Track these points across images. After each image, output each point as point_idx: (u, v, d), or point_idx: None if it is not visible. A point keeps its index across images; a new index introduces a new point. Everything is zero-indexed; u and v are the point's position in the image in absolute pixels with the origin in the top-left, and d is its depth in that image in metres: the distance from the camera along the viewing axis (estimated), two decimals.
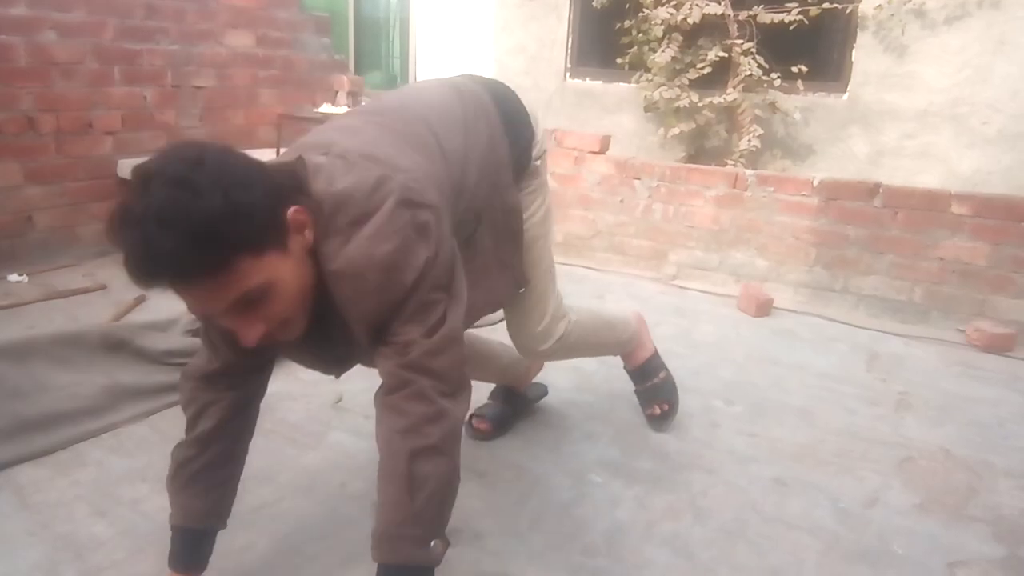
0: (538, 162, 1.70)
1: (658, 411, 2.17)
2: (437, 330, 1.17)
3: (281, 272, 1.07)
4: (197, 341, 2.34)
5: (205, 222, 0.95)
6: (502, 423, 2.13)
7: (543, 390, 2.29)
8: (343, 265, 1.11)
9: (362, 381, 2.41)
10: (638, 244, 3.82)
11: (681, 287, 3.64)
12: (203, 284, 1.00)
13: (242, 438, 1.41)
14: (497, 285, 1.61)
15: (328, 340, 1.25)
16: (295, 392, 2.29)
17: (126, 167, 3.50)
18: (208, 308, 1.07)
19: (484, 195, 1.48)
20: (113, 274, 3.24)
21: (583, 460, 2.01)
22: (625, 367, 2.18)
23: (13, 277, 3.07)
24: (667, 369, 2.20)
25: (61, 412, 1.98)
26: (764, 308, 3.28)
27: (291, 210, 1.07)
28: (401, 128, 1.34)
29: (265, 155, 3.84)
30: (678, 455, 2.06)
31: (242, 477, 1.43)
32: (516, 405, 2.18)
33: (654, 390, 2.18)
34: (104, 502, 1.71)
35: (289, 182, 1.12)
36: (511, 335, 1.81)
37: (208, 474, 1.35)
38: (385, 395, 1.20)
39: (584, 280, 3.67)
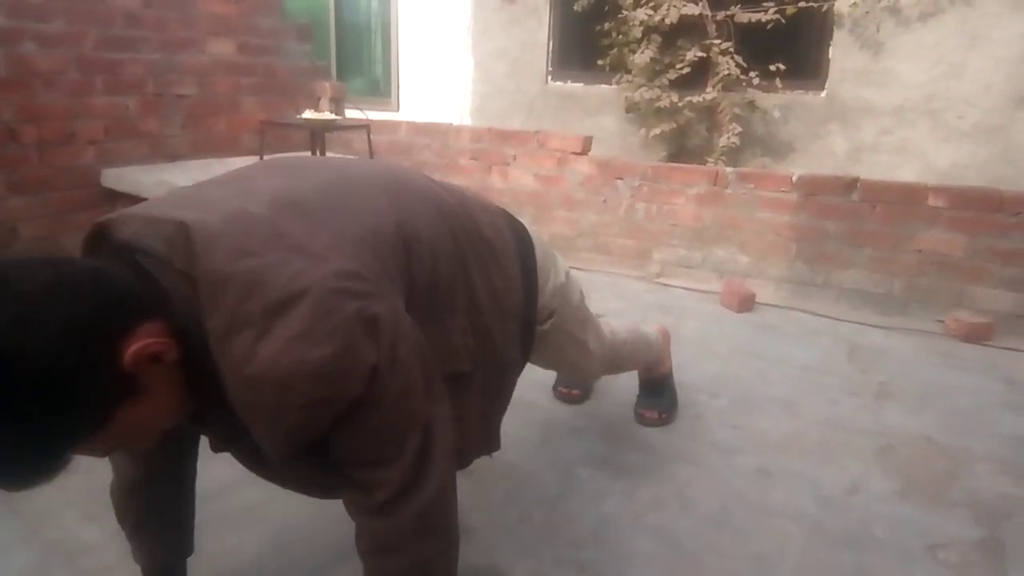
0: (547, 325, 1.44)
1: (656, 416, 2.22)
2: (422, 473, 0.96)
3: (137, 417, 0.85)
4: None
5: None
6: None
7: None
8: (258, 371, 0.83)
9: None
10: (622, 243, 3.86)
11: (665, 284, 3.67)
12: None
13: (183, 483, 1.33)
14: (470, 442, 1.28)
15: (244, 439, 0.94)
16: None
17: (110, 177, 3.50)
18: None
19: (481, 336, 1.21)
20: None
21: (570, 455, 2.04)
22: (640, 374, 2.24)
23: None
24: (675, 389, 2.29)
25: None
26: (747, 303, 3.32)
27: (130, 351, 0.80)
28: (351, 202, 1.04)
29: (248, 163, 3.81)
30: (663, 448, 2.09)
31: (228, 479, 1.44)
32: None
33: (657, 399, 2.24)
34: (93, 507, 1.71)
35: (118, 297, 0.82)
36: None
37: (156, 517, 1.29)
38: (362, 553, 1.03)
39: None
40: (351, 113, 4.43)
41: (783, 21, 4.46)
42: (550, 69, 5.64)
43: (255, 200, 0.96)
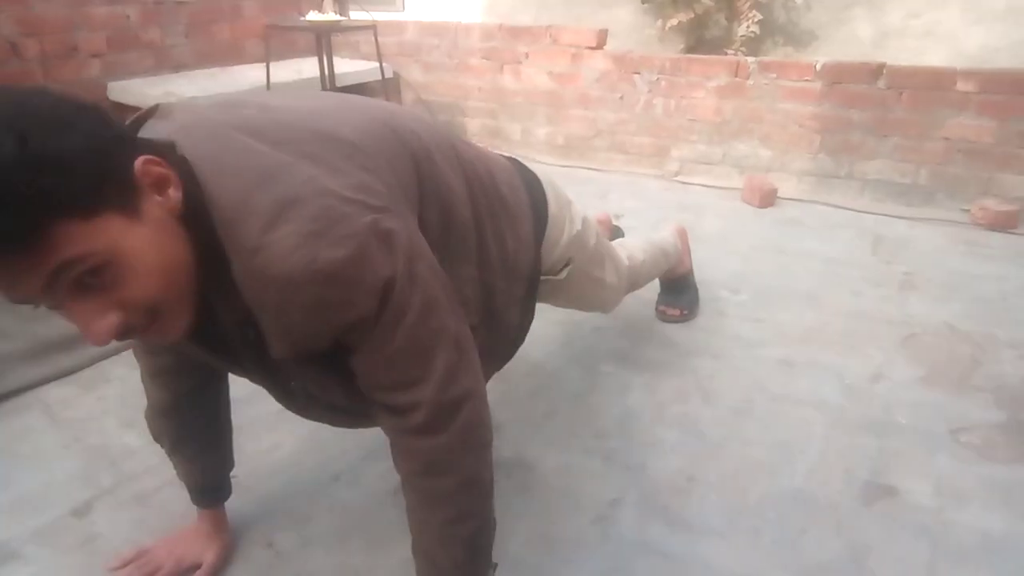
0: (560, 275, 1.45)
1: (678, 313, 2.22)
2: (458, 387, 0.94)
3: (129, 241, 0.78)
4: None
5: None
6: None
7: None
8: (266, 263, 0.80)
9: None
10: (640, 141, 3.78)
11: (684, 183, 3.61)
12: (5, 258, 0.71)
13: (214, 409, 1.33)
14: None
15: (263, 359, 0.94)
16: None
17: (116, 90, 3.44)
18: (22, 291, 0.75)
19: (487, 294, 1.18)
20: None
21: (593, 352, 2.06)
22: (659, 277, 2.23)
23: None
24: (696, 287, 2.30)
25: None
26: (768, 199, 3.26)
27: (139, 161, 0.79)
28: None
29: (255, 71, 3.69)
30: (685, 343, 2.10)
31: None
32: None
33: (678, 296, 2.25)
34: (132, 415, 1.77)
35: (134, 133, 0.86)
36: None
37: (190, 441, 1.30)
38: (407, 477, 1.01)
39: (587, 182, 3.64)
40: (356, 15, 4.28)
41: None
42: None
43: (277, 112, 0.96)
